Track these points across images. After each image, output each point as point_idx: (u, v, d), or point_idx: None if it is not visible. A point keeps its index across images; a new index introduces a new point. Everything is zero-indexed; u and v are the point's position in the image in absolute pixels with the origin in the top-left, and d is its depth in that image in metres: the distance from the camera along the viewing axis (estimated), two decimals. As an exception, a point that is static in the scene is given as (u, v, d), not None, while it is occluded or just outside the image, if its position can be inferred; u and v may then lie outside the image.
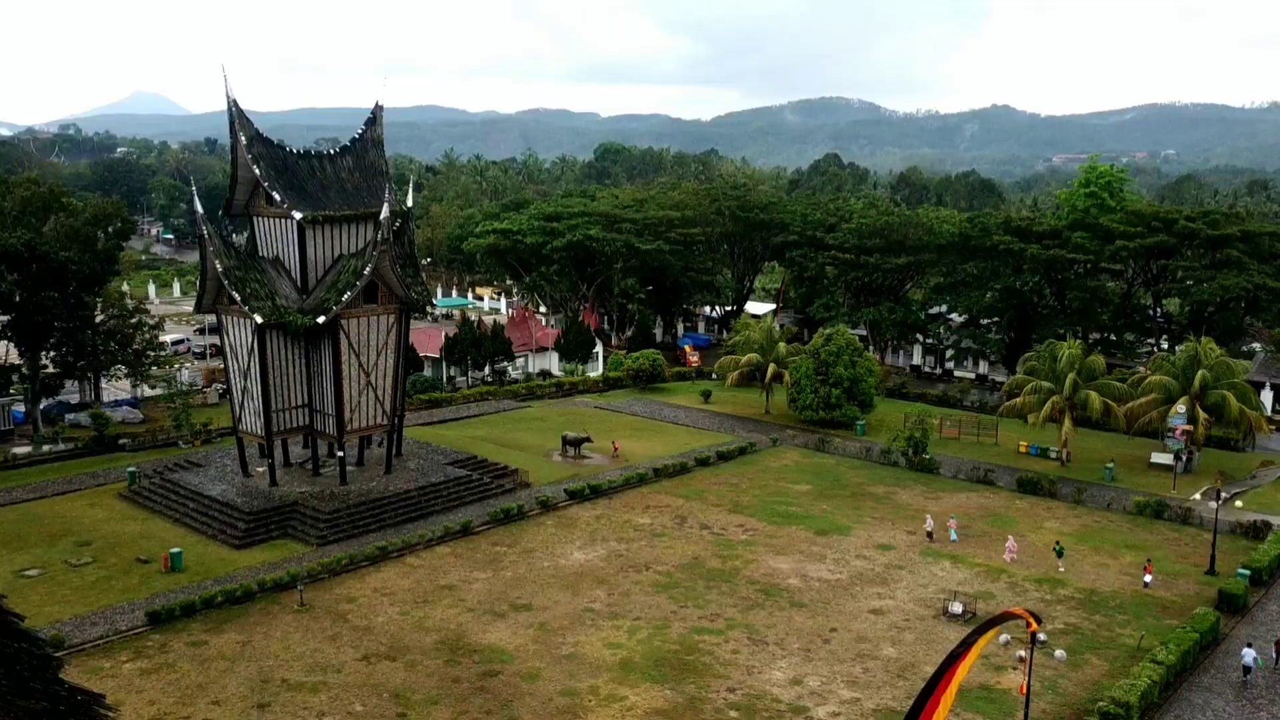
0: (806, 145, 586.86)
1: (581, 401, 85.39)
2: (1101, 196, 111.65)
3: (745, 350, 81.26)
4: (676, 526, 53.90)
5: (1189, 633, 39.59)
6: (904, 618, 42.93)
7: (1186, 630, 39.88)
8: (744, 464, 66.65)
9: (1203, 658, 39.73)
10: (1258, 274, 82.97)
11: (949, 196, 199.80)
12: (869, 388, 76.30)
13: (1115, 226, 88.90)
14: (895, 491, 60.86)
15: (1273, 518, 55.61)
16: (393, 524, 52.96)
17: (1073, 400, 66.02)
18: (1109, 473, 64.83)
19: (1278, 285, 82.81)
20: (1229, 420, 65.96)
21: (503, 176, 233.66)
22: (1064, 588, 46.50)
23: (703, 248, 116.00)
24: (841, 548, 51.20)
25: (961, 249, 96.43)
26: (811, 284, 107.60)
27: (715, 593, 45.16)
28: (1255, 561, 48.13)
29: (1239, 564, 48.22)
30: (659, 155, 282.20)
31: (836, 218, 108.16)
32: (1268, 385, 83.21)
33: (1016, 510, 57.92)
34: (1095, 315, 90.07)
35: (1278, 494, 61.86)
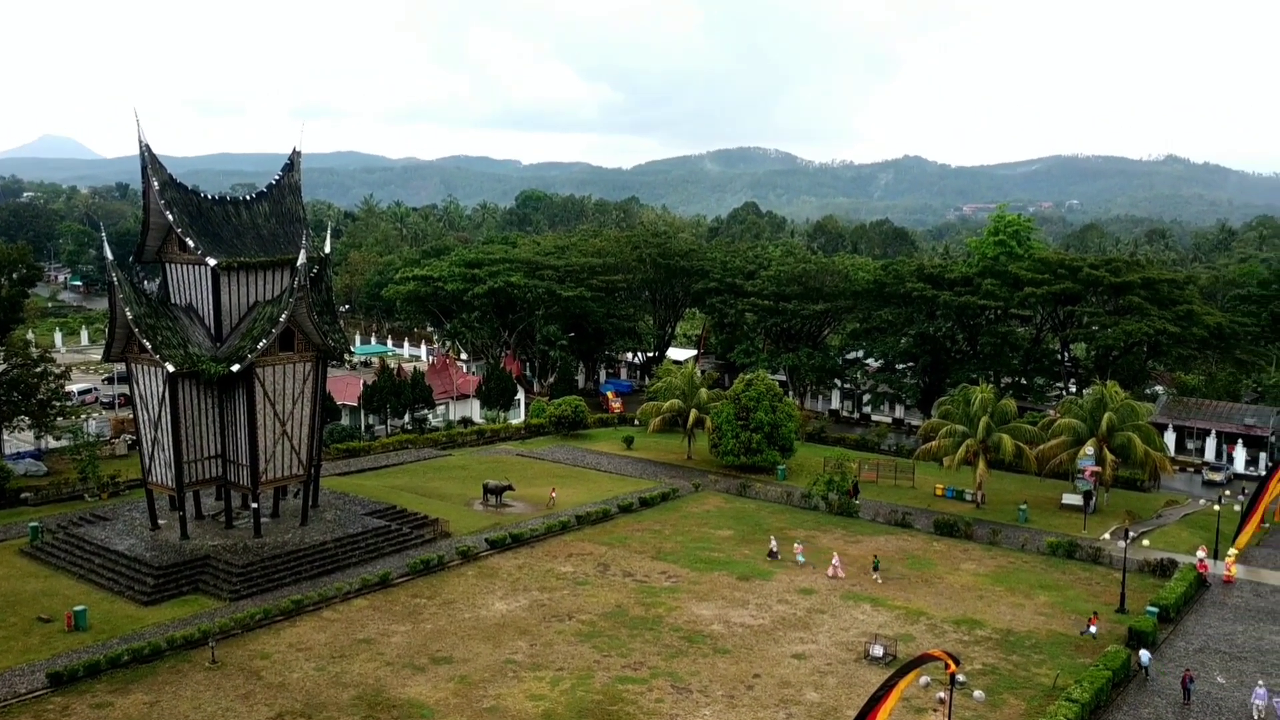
0: (725, 194, 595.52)
1: (503, 449, 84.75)
2: (1010, 244, 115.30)
3: (667, 396, 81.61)
4: (599, 574, 53.58)
5: (1102, 670, 40.43)
6: (826, 662, 43.14)
7: (1099, 668, 40.72)
8: (667, 510, 66.67)
9: (1116, 694, 40.57)
10: (1158, 319, 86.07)
11: (864, 244, 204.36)
12: (789, 432, 77.11)
13: (1023, 274, 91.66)
14: (816, 535, 61.35)
15: (1178, 556, 57.26)
16: (309, 577, 51.73)
17: (986, 443, 67.49)
18: (1022, 514, 66.25)
19: (1177, 330, 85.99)
20: (1135, 461, 68.01)
21: (423, 223, 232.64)
22: (982, 629, 47.23)
23: (624, 294, 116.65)
24: (764, 592, 51.37)
25: (877, 296, 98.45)
26: (732, 330, 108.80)
27: (639, 641, 44.91)
28: (1163, 599, 49.47)
29: (1148, 601, 49.50)
30: (580, 203, 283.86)
31: (755, 265, 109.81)
32: (1170, 427, 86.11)
33: (934, 552, 58.79)
34: (1006, 360, 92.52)
35: (1183, 532, 63.76)
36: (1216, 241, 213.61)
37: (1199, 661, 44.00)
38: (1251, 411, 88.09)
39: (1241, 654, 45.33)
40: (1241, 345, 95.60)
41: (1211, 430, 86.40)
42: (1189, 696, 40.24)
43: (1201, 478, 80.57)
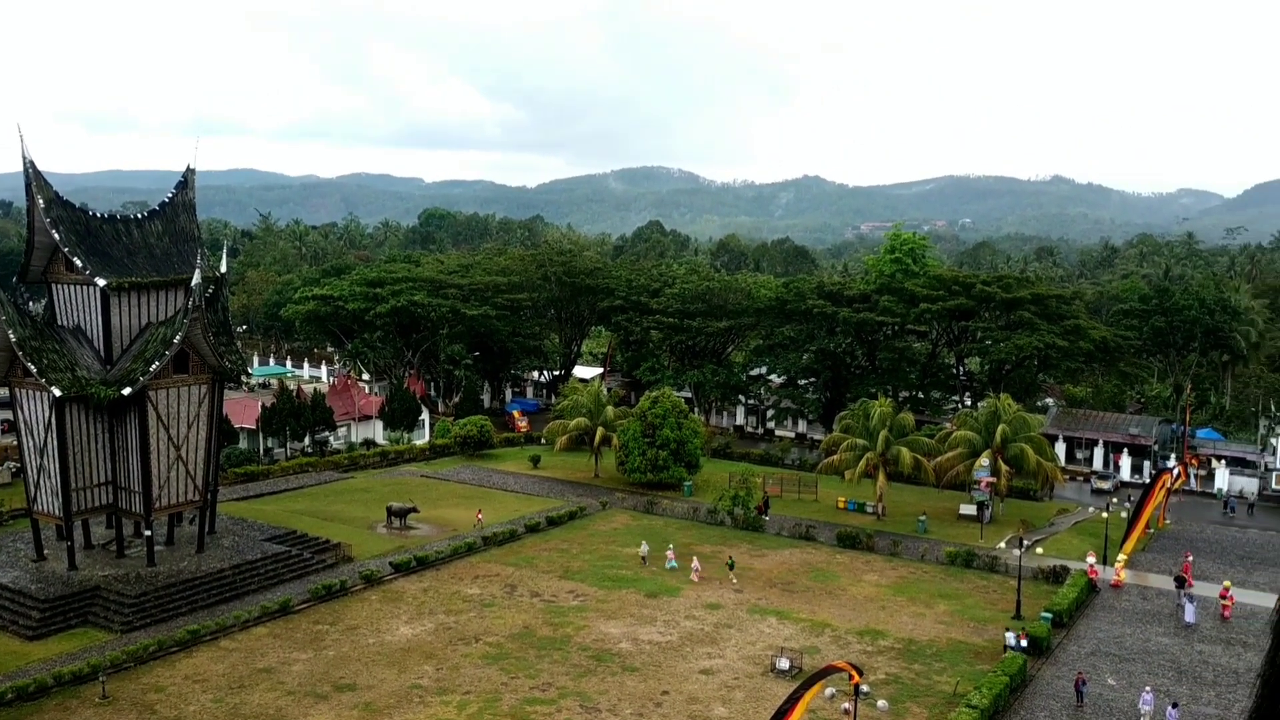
0: (630, 212, 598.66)
1: (407, 470, 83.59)
2: (906, 262, 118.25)
3: (574, 414, 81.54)
4: (506, 595, 53.17)
5: (999, 676, 41.54)
6: (734, 676, 43.48)
7: (997, 674, 41.82)
8: (574, 529, 66.51)
9: (1013, 699, 41.71)
10: (1048, 334, 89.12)
11: (766, 262, 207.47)
12: (695, 448, 77.69)
13: (919, 290, 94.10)
14: (722, 550, 61.82)
15: (1070, 562, 59.23)
16: (205, 606, 50.24)
17: (886, 456, 68.94)
18: (922, 525, 67.80)
19: (1066, 344, 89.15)
20: (1028, 471, 70.22)
21: (323, 241, 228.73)
22: (884, 639, 48.14)
23: (530, 313, 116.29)
24: (671, 609, 51.57)
25: (779, 313, 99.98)
26: (637, 348, 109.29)
27: (547, 661, 44.67)
28: (1056, 605, 51.12)
29: (1042, 608, 51.07)
30: (485, 221, 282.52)
31: (660, 283, 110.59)
32: (1060, 437, 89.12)
33: (837, 564, 59.77)
34: (904, 374, 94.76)
35: (1074, 540, 65.96)
36: (1100, 259, 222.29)
37: (1091, 664, 45.53)
38: (1136, 422, 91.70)
39: (1130, 655, 47.05)
40: (1125, 358, 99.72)
41: (1099, 440, 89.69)
42: (1082, 699, 41.58)
43: (1090, 486, 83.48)
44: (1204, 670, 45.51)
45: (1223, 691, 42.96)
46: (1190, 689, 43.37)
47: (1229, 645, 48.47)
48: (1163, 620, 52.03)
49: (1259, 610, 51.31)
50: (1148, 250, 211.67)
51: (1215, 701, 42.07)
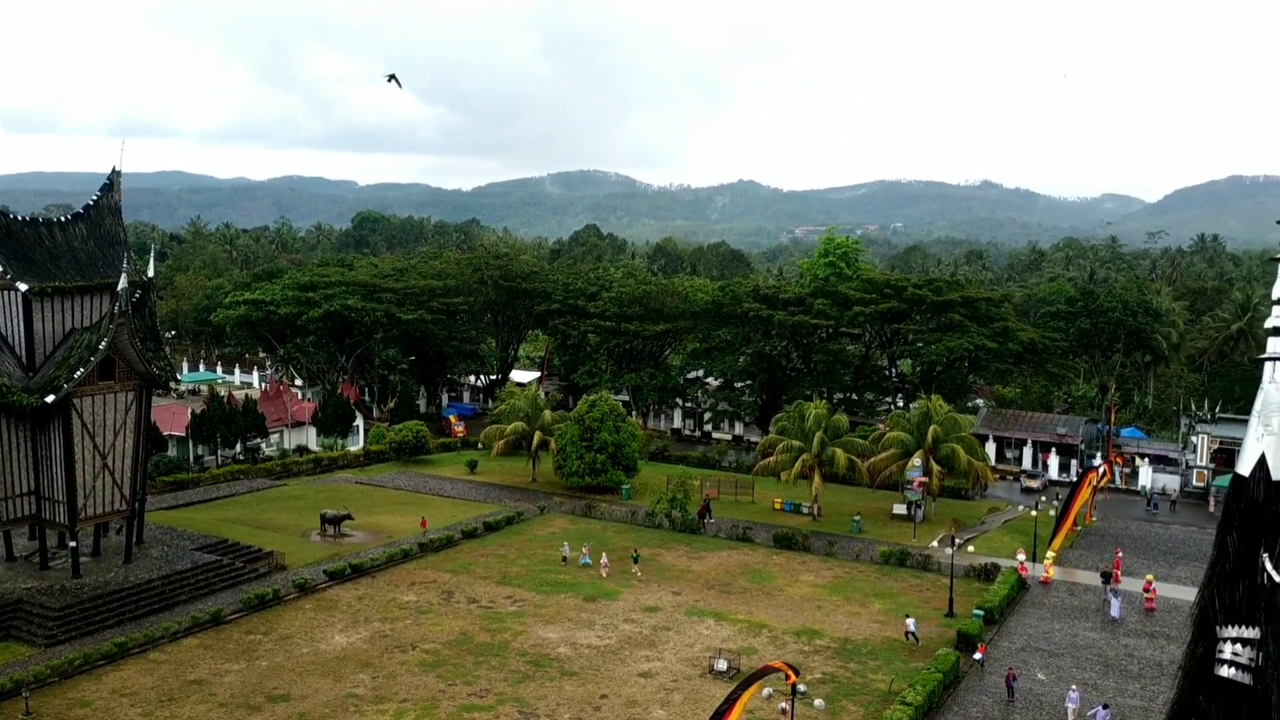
0: (566, 216, 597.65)
1: (342, 477, 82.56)
2: (839, 266, 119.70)
3: (511, 419, 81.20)
4: (443, 602, 52.77)
5: (933, 673, 42.23)
6: (672, 679, 43.63)
7: (931, 671, 42.53)
8: (511, 534, 66.23)
9: (946, 696, 42.43)
10: (977, 335, 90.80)
11: (702, 266, 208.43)
12: (633, 452, 77.82)
13: (853, 294, 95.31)
14: (660, 553, 62.04)
15: (1001, 560, 60.41)
16: (134, 617, 49.13)
17: (821, 457, 69.71)
18: (857, 525, 68.66)
19: (995, 346, 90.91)
20: (959, 471, 71.48)
21: (254, 245, 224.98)
22: (821, 638, 48.67)
23: (466, 317, 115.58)
24: (610, 613, 51.60)
25: (715, 316, 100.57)
26: (575, 351, 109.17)
27: (484, 668, 44.42)
28: (987, 602, 52.09)
29: (974, 605, 52.02)
30: (420, 224, 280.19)
31: (597, 286, 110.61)
32: (990, 437, 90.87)
33: (774, 565, 60.27)
34: (838, 376, 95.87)
35: (1004, 538, 67.29)
36: (1028, 262, 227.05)
37: (1021, 660, 46.46)
38: (1063, 421, 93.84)
39: (1059, 650, 48.13)
40: (1052, 359, 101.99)
41: (1028, 440, 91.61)
42: (1013, 694, 42.43)
43: (1020, 485, 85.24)
44: (1129, 663, 46.73)
45: (1147, 684, 44.13)
46: (1116, 682, 44.50)
47: (1153, 638, 49.84)
48: (1090, 615, 53.30)
49: (1181, 603, 52.75)
50: (1073, 254, 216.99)
51: (1140, 694, 43.21)
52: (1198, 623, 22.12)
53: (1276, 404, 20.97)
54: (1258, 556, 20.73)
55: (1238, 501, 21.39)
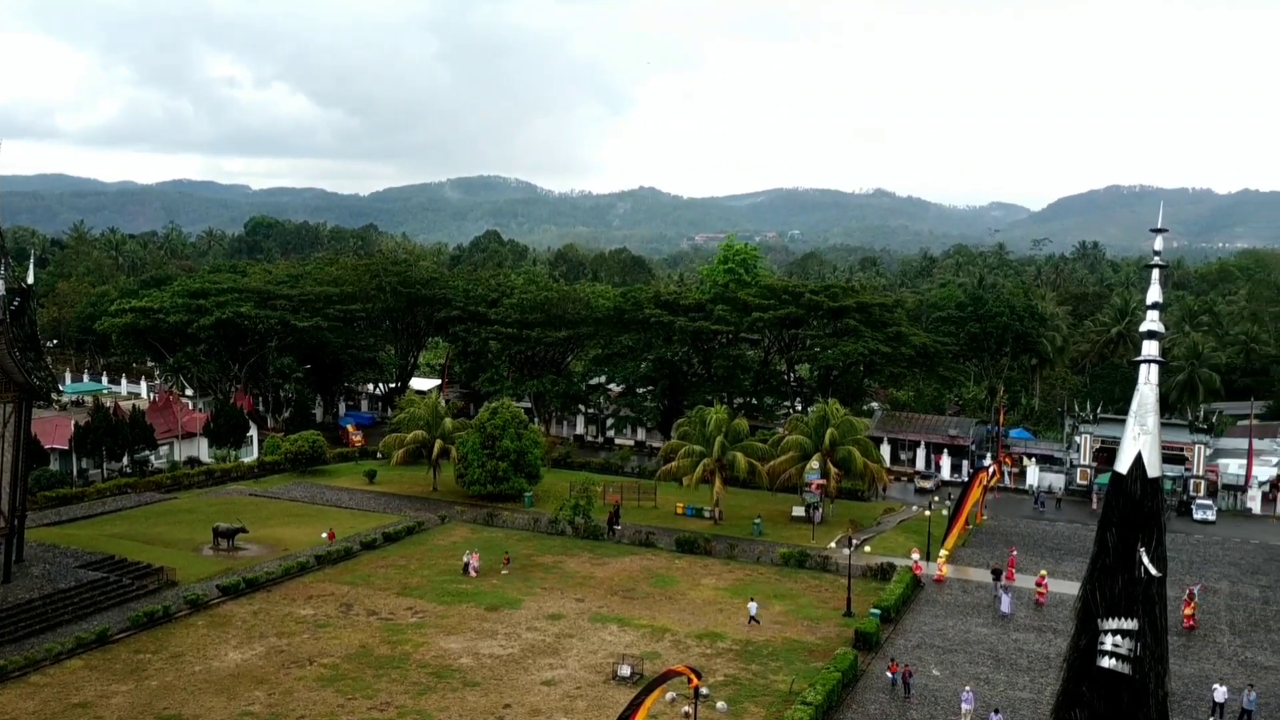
0: (467, 221, 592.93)
1: (235, 489, 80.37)
2: (739, 272, 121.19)
3: (411, 427, 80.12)
4: (342, 615, 51.78)
5: (832, 673, 42.98)
6: (576, 686, 43.57)
7: (830, 670, 43.27)
8: (412, 544, 65.34)
9: (845, 694, 43.22)
10: (872, 340, 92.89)
11: (603, 272, 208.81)
12: (535, 459, 77.49)
13: (752, 300, 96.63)
14: (563, 560, 61.91)
15: (896, 559, 61.84)
16: (13, 639, 47.00)
17: (722, 461, 70.43)
18: (757, 528, 69.53)
19: (889, 350, 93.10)
20: (855, 473, 73.01)
21: (142, 251, 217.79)
22: (723, 641, 49.13)
23: (364, 324, 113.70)
24: (513, 621, 51.29)
25: (617, 322, 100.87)
26: (476, 358, 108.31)
27: (385, 680, 43.73)
28: (884, 601, 53.25)
29: (871, 604, 53.13)
30: (315, 230, 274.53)
31: (498, 293, 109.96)
32: (885, 440, 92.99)
33: (677, 569, 60.65)
34: (738, 381, 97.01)
35: (899, 537, 68.90)
36: (920, 268, 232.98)
37: (917, 657, 47.60)
38: (954, 423, 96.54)
39: (953, 647, 49.46)
40: (944, 363, 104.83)
41: (921, 441, 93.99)
42: (909, 690, 43.43)
43: (914, 486, 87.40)
44: (1019, 657, 48.29)
45: (1036, 676, 45.64)
46: (1007, 676, 45.92)
47: (1041, 632, 51.59)
48: (981, 611, 54.91)
49: (1068, 598, 54.64)
50: (963, 260, 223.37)
51: (1029, 686, 44.67)
52: (1080, 616, 23.00)
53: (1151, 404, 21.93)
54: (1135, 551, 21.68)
55: (1116, 498, 22.32)
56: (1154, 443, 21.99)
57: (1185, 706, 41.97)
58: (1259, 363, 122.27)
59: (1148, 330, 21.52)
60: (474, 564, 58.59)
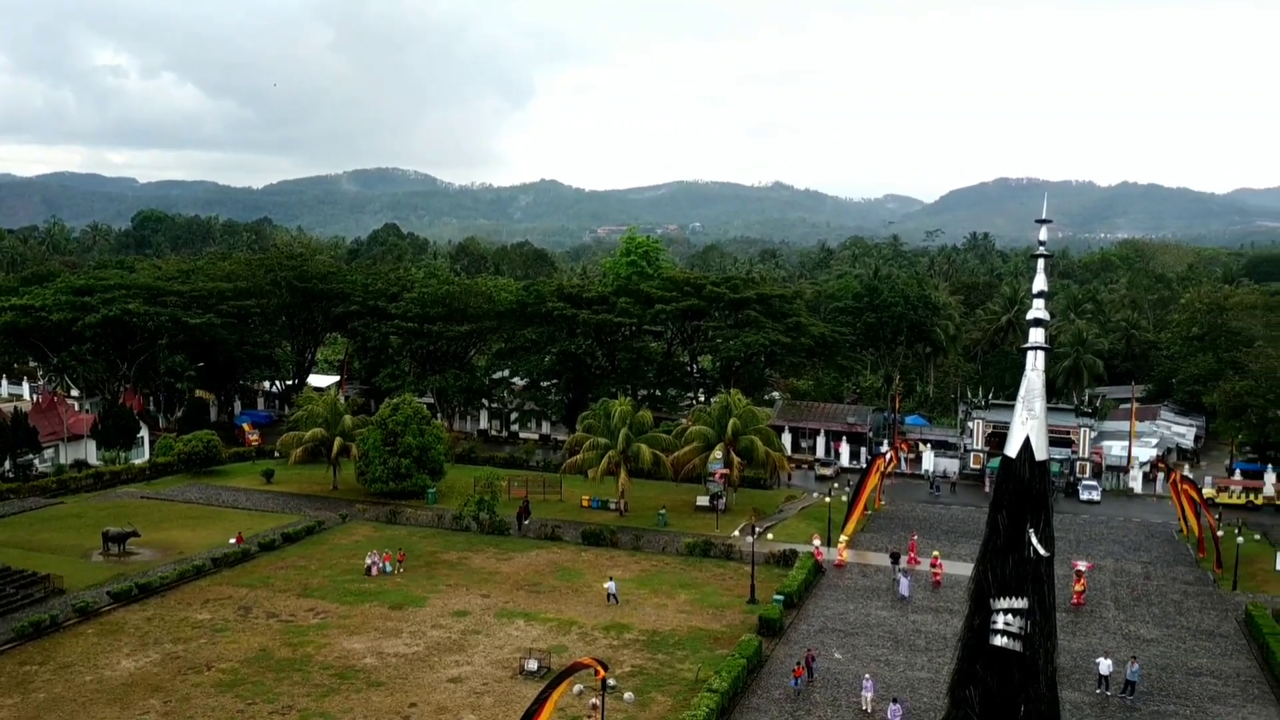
0: (364, 215, 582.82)
1: (126, 492, 77.73)
2: (641, 265, 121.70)
3: (309, 425, 78.52)
4: (240, 618, 50.58)
5: (737, 659, 43.57)
6: (482, 682, 43.35)
7: (735, 657, 43.85)
8: (312, 544, 64.12)
9: (751, 680, 43.86)
10: (773, 331, 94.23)
11: (506, 266, 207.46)
12: (438, 455, 76.69)
13: (654, 292, 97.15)
14: (469, 557, 61.48)
15: (798, 546, 62.94)
16: (-114, 655, 44.80)
17: (627, 454, 70.71)
18: (662, 518, 70.02)
19: (789, 341, 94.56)
20: (758, 462, 74.05)
21: (21, 247, 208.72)
22: (629, 632, 49.40)
23: (259, 320, 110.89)
24: (417, 619, 50.76)
25: (520, 316, 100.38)
26: (376, 354, 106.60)
27: (286, 684, 42.87)
28: (787, 587, 54.16)
29: (774, 591, 53.97)
30: (207, 224, 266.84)
31: (398, 287, 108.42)
32: (786, 428, 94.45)
33: (583, 562, 60.74)
34: (642, 373, 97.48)
35: (801, 524, 70.10)
36: (818, 260, 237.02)
37: (820, 641, 48.55)
38: (853, 411, 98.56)
39: (854, 630, 50.58)
40: (842, 352, 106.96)
41: (821, 429, 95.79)
42: (813, 674, 44.23)
43: (814, 473, 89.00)
44: (917, 638, 49.62)
45: (934, 656, 46.95)
46: (906, 656, 47.16)
47: (938, 613, 53.07)
48: (881, 595, 56.25)
49: (964, 579, 56.27)
50: (859, 252, 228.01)
51: (927, 666, 45.94)
52: (974, 596, 23.84)
53: (1038, 390, 22.74)
54: (1025, 532, 22.53)
55: (1006, 481, 23.13)
56: (1041, 427, 22.81)
57: (1073, 680, 43.66)
58: (1139, 348, 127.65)
59: (1034, 318, 22.30)
60: (379, 564, 57.77)
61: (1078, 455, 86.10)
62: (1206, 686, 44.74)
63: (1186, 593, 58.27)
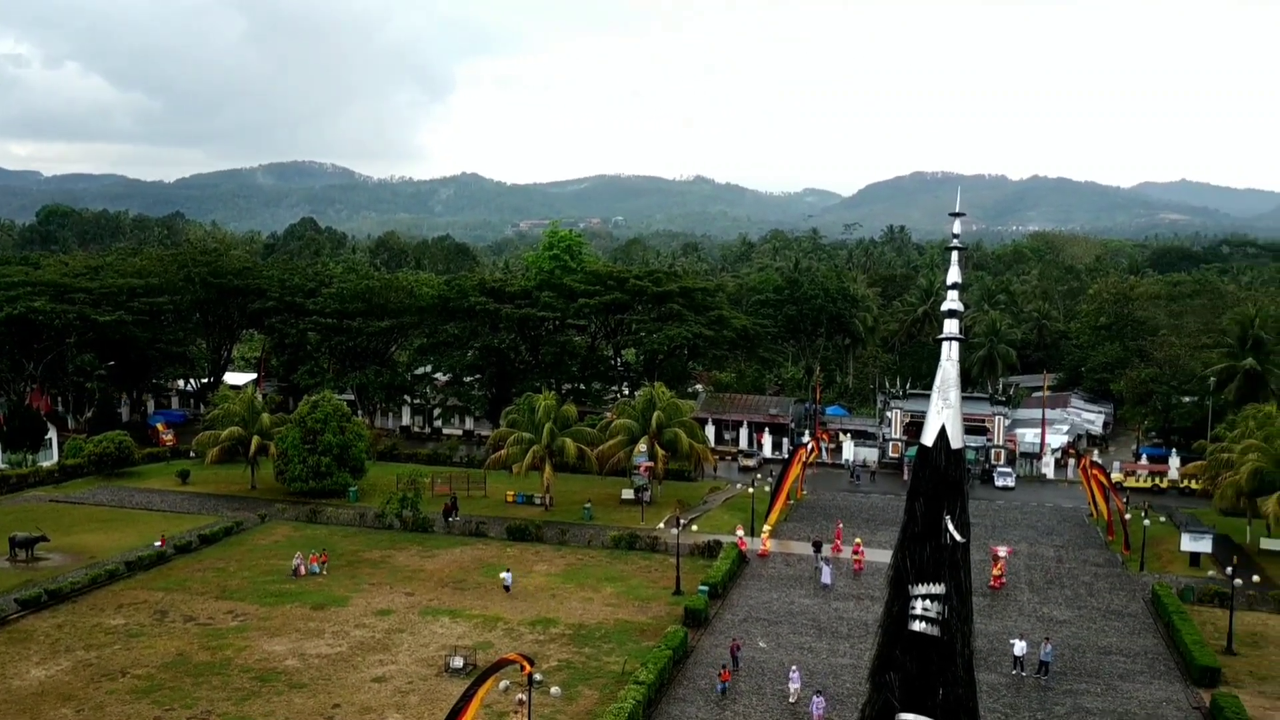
0: (281, 209, 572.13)
1: (34, 496, 75.28)
2: (564, 258, 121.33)
3: (226, 424, 76.88)
4: (156, 623, 49.40)
5: (663, 651, 43.81)
6: (407, 680, 42.97)
7: (661, 649, 44.09)
8: (230, 545, 62.86)
9: (677, 671, 44.15)
10: (695, 324, 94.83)
11: (427, 260, 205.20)
12: (359, 453, 75.70)
13: (577, 286, 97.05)
14: (392, 555, 60.85)
15: (722, 536, 63.48)
16: None
17: (551, 448, 70.61)
18: (587, 512, 70.08)
19: (711, 333, 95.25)
20: (682, 454, 74.55)
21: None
22: (556, 626, 49.38)
23: (172, 317, 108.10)
24: (340, 619, 50.10)
25: (441, 310, 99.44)
26: (294, 351, 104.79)
27: (205, 688, 41.99)
28: (711, 578, 54.62)
29: (699, 582, 54.39)
30: (116, 218, 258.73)
31: (316, 283, 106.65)
32: (710, 420, 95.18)
33: (508, 558, 60.47)
34: (566, 367, 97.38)
35: (725, 515, 70.73)
36: (739, 253, 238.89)
37: (744, 630, 49.07)
38: (775, 403, 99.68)
39: (778, 619, 51.22)
40: (763, 344, 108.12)
41: (744, 421, 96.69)
42: (738, 663, 44.66)
43: (738, 464, 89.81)
44: (840, 625, 50.44)
45: (856, 643, 47.75)
46: (829, 644, 47.91)
47: (859, 600, 54.01)
48: (804, 583, 57.06)
49: (884, 566, 57.45)
50: (780, 245, 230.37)
51: (850, 653, 46.70)
52: (893, 583, 24.31)
53: (953, 379, 23.25)
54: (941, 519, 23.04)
55: (923, 469, 23.62)
56: (956, 416, 23.33)
57: (990, 662, 44.82)
58: (1050, 338, 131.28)
59: (948, 309, 22.78)
60: (305, 565, 56.87)
61: (993, 443, 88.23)
62: (1116, 664, 46.27)
63: (1097, 574, 60.16)
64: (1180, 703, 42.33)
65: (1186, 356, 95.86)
